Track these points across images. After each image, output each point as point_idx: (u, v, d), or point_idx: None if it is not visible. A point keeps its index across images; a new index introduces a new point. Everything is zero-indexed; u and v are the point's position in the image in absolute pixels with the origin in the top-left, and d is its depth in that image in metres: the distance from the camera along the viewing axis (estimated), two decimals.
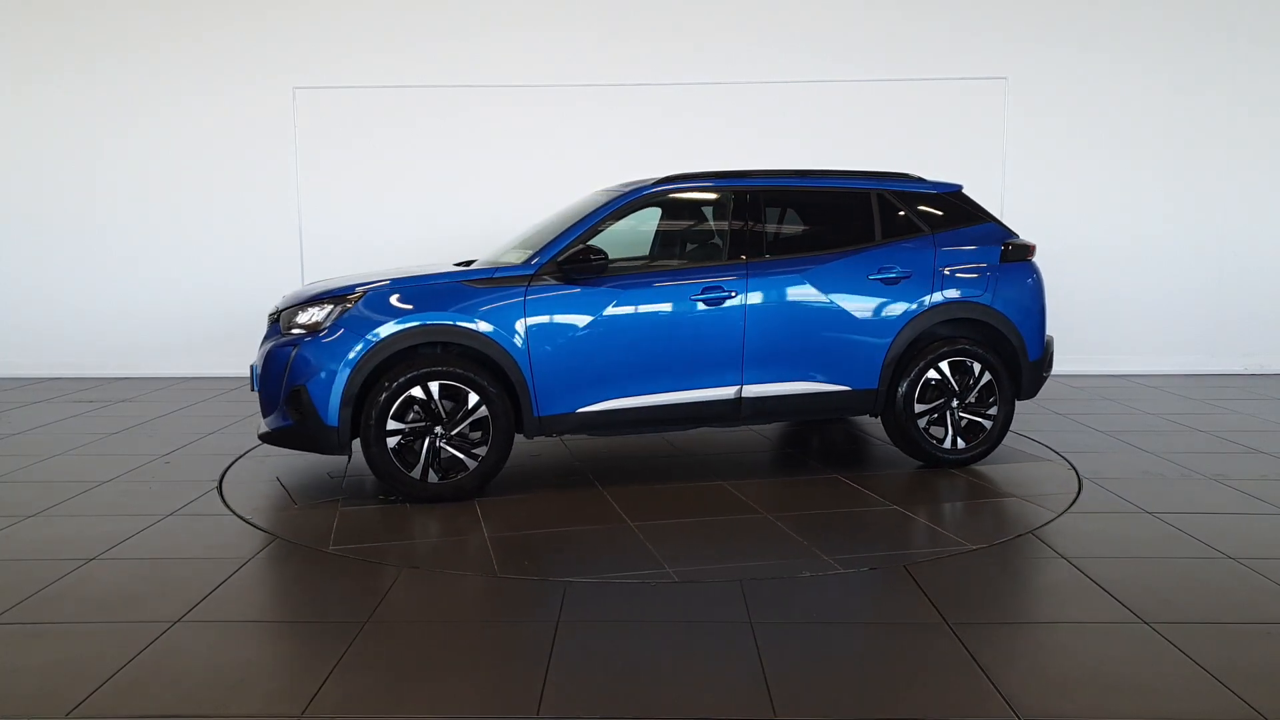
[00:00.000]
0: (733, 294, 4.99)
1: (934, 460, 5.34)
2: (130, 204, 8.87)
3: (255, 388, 4.96)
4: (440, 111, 8.75)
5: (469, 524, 4.43)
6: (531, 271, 4.83)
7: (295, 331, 4.79)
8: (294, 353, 4.68)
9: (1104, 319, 8.81)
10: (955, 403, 5.34)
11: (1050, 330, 5.75)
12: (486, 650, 3.09)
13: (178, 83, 8.74)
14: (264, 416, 4.91)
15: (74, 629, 3.26)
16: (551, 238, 5.02)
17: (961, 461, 5.36)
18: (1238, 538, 4.13)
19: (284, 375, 4.69)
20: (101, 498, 4.88)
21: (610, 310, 4.86)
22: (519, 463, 5.46)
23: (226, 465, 5.52)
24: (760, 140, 8.69)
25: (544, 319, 4.79)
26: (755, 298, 5.02)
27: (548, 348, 4.78)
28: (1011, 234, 5.60)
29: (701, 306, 4.96)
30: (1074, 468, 5.34)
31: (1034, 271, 5.56)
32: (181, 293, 8.91)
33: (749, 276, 5.04)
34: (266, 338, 4.97)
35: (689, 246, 5.61)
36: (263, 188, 8.85)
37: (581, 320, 4.83)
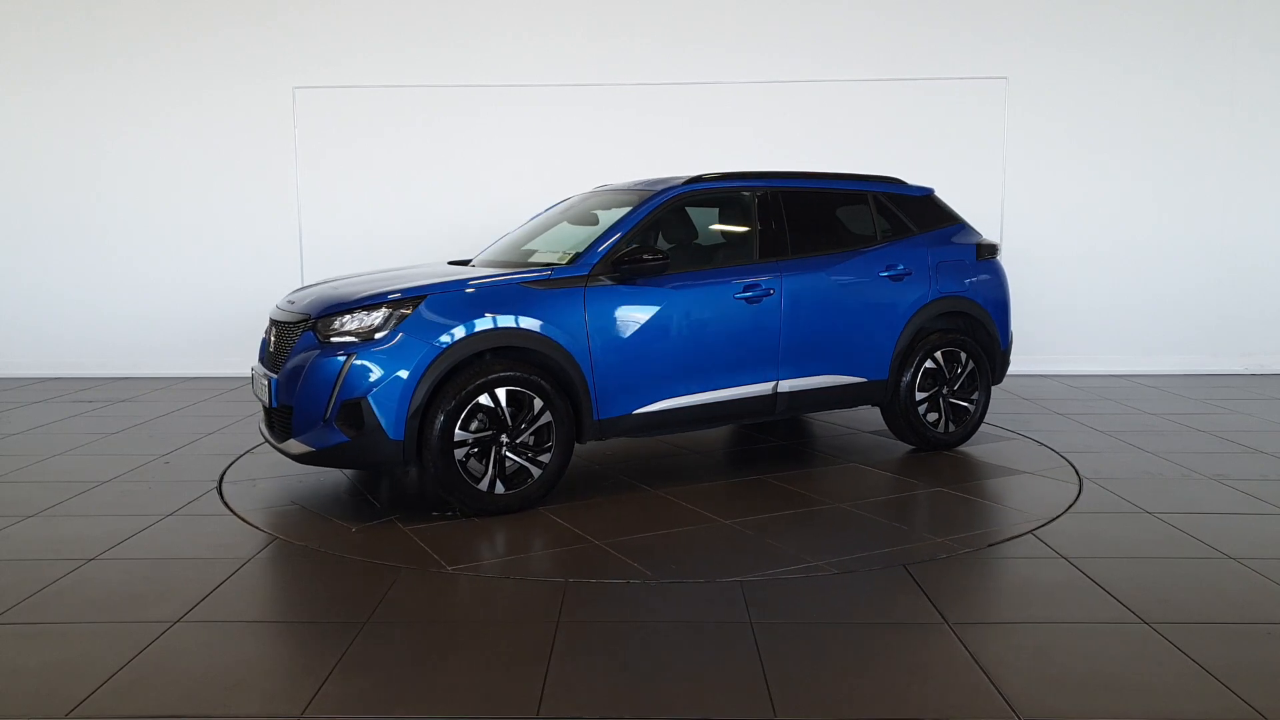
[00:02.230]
0: (770, 291, 5.09)
1: (928, 443, 5.72)
2: (130, 204, 8.87)
3: (276, 402, 4.47)
4: (440, 111, 8.75)
5: (563, 532, 4.27)
6: (586, 272, 4.70)
7: (340, 339, 4.34)
8: (347, 362, 4.24)
9: (1104, 318, 8.82)
10: (945, 390, 5.74)
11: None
12: (486, 650, 3.09)
13: (178, 83, 8.74)
14: (295, 435, 4.40)
15: (74, 629, 3.26)
16: (592, 238, 4.91)
17: (952, 443, 5.79)
18: (1238, 538, 4.13)
19: (334, 387, 4.24)
20: (101, 498, 4.88)
21: (664, 309, 4.83)
22: None
23: (226, 465, 5.51)
24: (759, 140, 8.69)
25: (604, 320, 4.68)
26: (789, 295, 5.15)
27: (608, 349, 4.69)
28: (979, 234, 6.03)
29: (746, 305, 5.04)
30: (1074, 468, 5.35)
31: (1001, 268, 6.07)
32: (181, 292, 8.91)
33: (782, 275, 5.16)
34: (297, 349, 4.44)
35: (722, 245, 5.56)
36: (263, 188, 8.86)
37: (639, 320, 4.77)
